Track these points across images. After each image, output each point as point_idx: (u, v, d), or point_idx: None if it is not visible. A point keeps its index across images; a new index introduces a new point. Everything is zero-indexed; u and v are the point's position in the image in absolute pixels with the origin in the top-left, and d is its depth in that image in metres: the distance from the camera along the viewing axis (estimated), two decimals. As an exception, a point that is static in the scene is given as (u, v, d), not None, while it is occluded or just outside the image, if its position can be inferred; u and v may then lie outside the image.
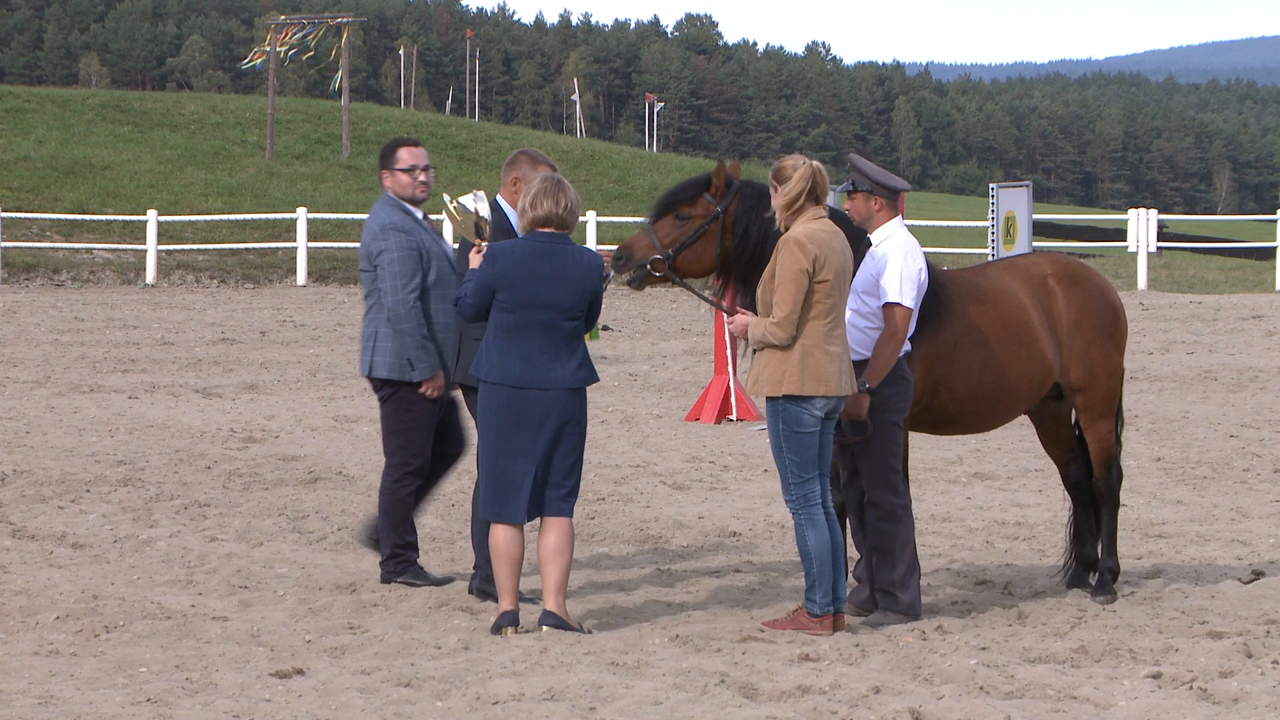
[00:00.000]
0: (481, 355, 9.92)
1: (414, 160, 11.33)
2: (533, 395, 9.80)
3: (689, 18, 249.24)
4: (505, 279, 9.81)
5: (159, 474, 15.26)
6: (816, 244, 9.70)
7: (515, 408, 9.82)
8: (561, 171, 10.54)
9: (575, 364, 9.88)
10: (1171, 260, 48.69)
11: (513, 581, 9.90)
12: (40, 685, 8.68)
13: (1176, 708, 8.41)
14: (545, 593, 9.89)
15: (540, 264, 9.82)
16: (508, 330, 9.83)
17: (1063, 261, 11.22)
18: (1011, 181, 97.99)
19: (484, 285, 9.86)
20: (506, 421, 9.84)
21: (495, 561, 9.89)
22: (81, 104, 63.28)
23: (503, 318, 9.84)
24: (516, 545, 9.88)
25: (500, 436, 9.85)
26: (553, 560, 9.84)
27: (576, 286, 9.84)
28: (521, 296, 9.80)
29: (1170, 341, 27.93)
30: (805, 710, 8.34)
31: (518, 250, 9.87)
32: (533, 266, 9.81)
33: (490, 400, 9.87)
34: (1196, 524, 13.49)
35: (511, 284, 9.80)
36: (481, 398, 9.92)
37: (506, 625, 9.86)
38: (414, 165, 11.32)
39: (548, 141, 70.55)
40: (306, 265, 43.89)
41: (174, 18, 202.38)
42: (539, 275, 9.80)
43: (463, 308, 9.99)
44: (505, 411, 9.84)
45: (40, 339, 28.20)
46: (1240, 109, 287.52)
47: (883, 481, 10.24)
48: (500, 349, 9.84)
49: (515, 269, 9.80)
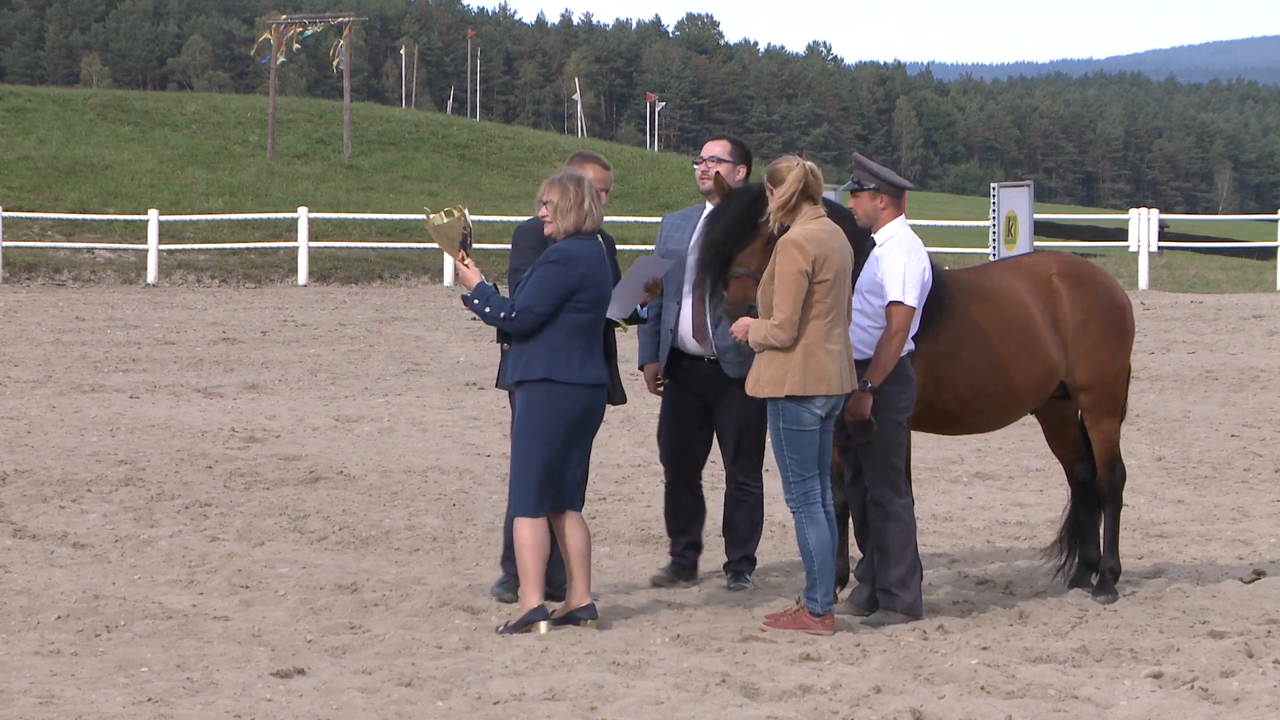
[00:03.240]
0: (552, 357, 9.85)
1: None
2: (594, 393, 9.92)
3: (690, 17, 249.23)
4: (589, 279, 9.87)
5: (160, 473, 15.26)
6: (815, 244, 9.70)
7: (585, 408, 9.88)
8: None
9: (602, 360, 10.06)
10: (1173, 260, 48.67)
11: (542, 575, 9.92)
12: (41, 685, 8.68)
13: (1178, 707, 8.41)
14: (580, 588, 9.90)
15: (603, 261, 10.00)
16: (582, 331, 9.88)
17: (1068, 261, 11.20)
18: (1013, 181, 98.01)
19: (565, 288, 9.82)
20: (572, 421, 9.86)
21: (529, 556, 9.86)
22: (83, 104, 63.28)
23: (577, 319, 9.86)
24: (548, 538, 9.95)
25: (563, 436, 9.85)
26: (583, 558, 9.93)
27: (611, 280, 10.12)
28: (597, 295, 9.93)
29: (1171, 341, 27.93)
30: (806, 710, 8.34)
31: (588, 250, 9.93)
32: (601, 264, 9.96)
33: (560, 401, 9.84)
34: (1198, 524, 13.49)
35: (592, 283, 9.89)
36: (547, 398, 9.87)
37: (540, 620, 9.83)
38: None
39: (549, 141, 70.50)
40: (308, 265, 43.88)
41: (175, 17, 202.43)
42: (605, 271, 9.98)
43: (528, 319, 9.82)
44: (574, 411, 9.86)
45: (41, 338, 28.20)
46: (1241, 109, 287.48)
47: (885, 481, 10.24)
48: (574, 349, 9.85)
49: (594, 268, 9.90)
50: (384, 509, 13.84)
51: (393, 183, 56.63)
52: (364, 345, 27.71)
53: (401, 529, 13.05)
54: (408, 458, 16.36)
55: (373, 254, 45.69)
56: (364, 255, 45.65)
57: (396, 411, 19.71)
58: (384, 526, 13.13)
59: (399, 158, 60.28)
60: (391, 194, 54.27)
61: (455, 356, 25.93)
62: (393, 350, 26.87)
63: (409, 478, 15.28)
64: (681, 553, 11.43)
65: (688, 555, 11.42)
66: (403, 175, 58.04)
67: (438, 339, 29.01)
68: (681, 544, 11.43)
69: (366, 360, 25.36)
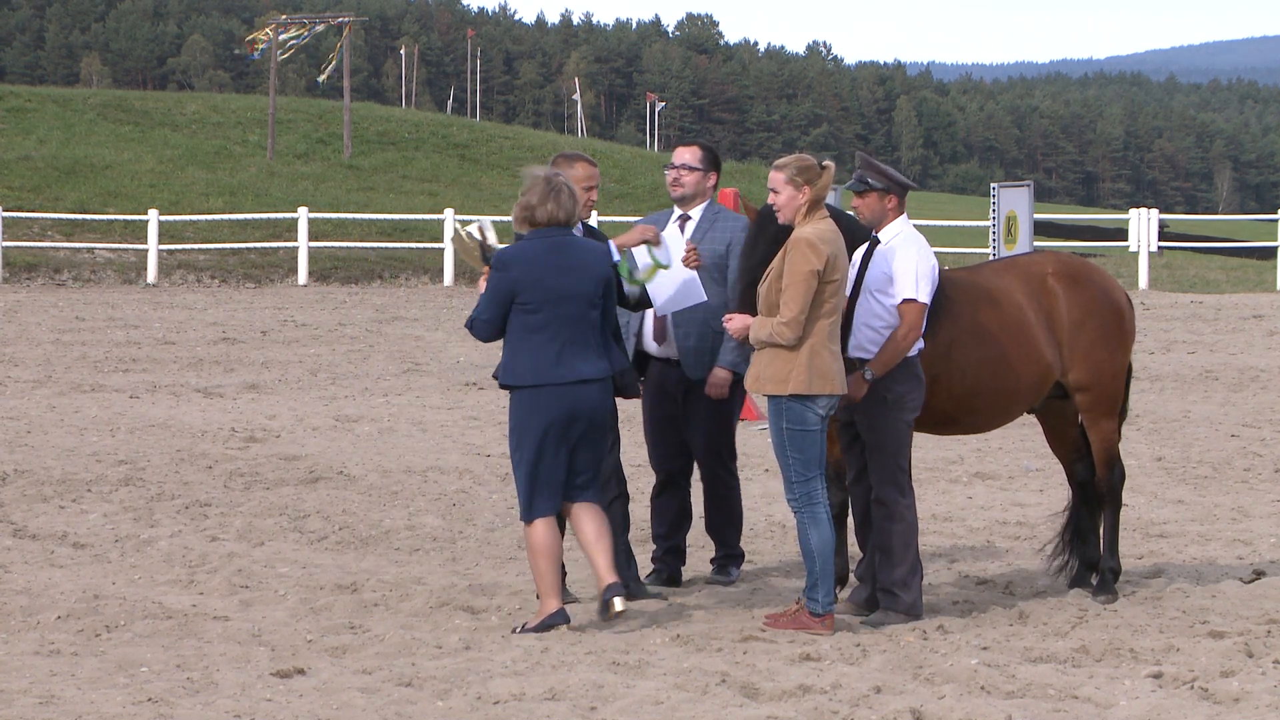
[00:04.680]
0: (509, 361, 9.86)
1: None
2: (571, 391, 9.79)
3: (690, 17, 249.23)
4: (524, 279, 9.78)
5: (160, 473, 15.26)
6: (827, 243, 9.73)
7: (556, 407, 9.79)
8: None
9: (604, 354, 9.91)
10: (1172, 260, 48.69)
11: (557, 578, 9.88)
12: (41, 685, 8.68)
13: (1178, 707, 8.41)
14: (601, 572, 9.85)
15: (555, 257, 9.82)
16: (534, 330, 9.79)
17: (1065, 261, 11.18)
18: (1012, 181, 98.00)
19: (501, 292, 9.80)
20: (546, 421, 9.79)
21: (540, 561, 9.84)
22: (83, 103, 63.30)
23: (527, 319, 9.79)
24: (558, 539, 9.91)
25: (542, 437, 9.80)
26: (598, 543, 9.86)
27: (593, 274, 9.88)
28: (544, 293, 9.77)
29: (1171, 341, 27.93)
30: (806, 710, 8.34)
31: (528, 249, 9.85)
32: (548, 260, 9.80)
33: (528, 403, 9.81)
34: (1197, 524, 13.49)
35: (531, 282, 9.77)
36: (518, 402, 9.87)
37: (560, 624, 9.81)
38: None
39: (549, 141, 70.56)
40: (308, 265, 43.89)
41: (175, 17, 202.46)
42: (555, 268, 9.80)
43: (478, 328, 9.89)
44: (545, 411, 9.79)
45: (41, 338, 28.20)
46: (1241, 109, 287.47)
47: (890, 480, 10.23)
48: (530, 350, 9.80)
49: (532, 267, 9.78)
50: (384, 509, 13.84)
51: (393, 183, 56.65)
52: (364, 345, 27.71)
53: (401, 529, 13.05)
54: (408, 458, 16.36)
55: (373, 254, 45.70)
56: (364, 255, 45.66)
57: (396, 411, 19.71)
58: (384, 526, 13.13)
59: (399, 158, 60.30)
60: (391, 194, 54.29)
61: (455, 356, 25.94)
62: (393, 350, 26.88)
63: (409, 478, 15.28)
64: (662, 558, 11.42)
65: (669, 560, 11.40)
66: (402, 175, 58.06)
67: (438, 339, 29.02)
68: (664, 548, 11.42)
69: (366, 360, 25.37)
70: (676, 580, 11.35)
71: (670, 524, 11.40)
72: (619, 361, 10.04)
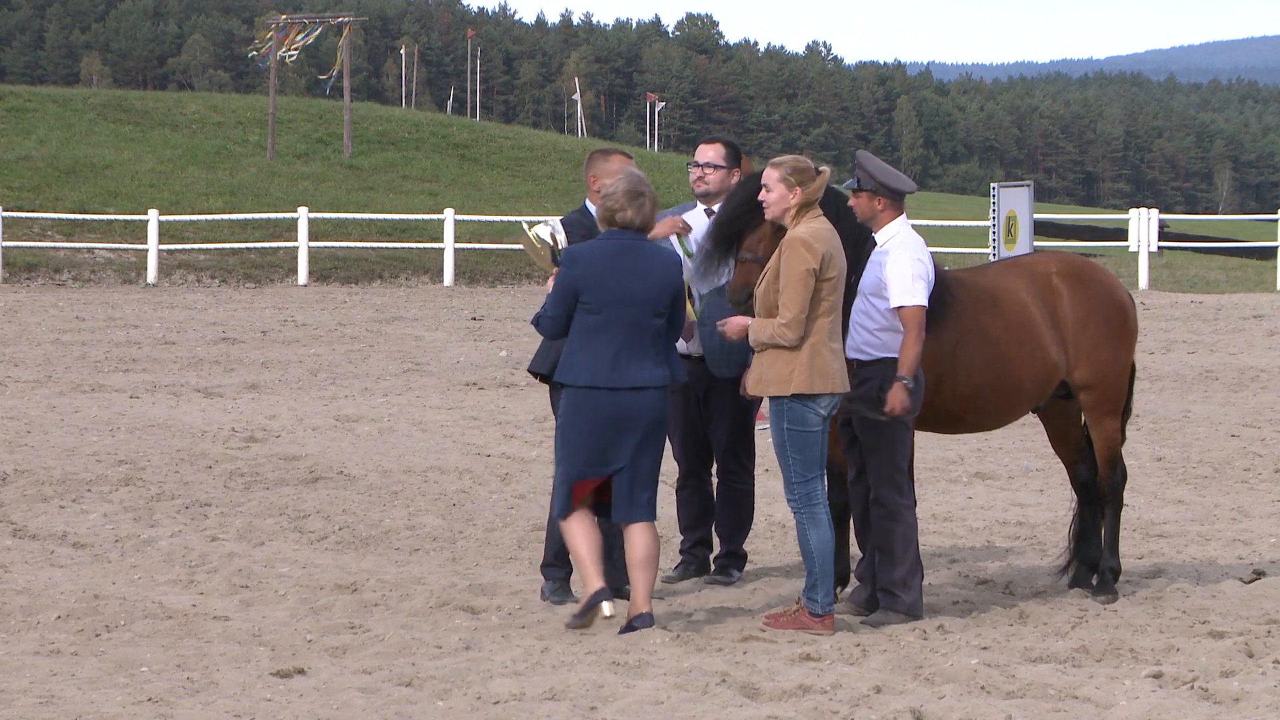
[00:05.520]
0: (567, 358, 9.83)
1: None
2: (623, 397, 9.74)
3: (690, 17, 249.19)
4: (588, 278, 9.74)
5: (160, 473, 15.26)
6: (822, 242, 9.74)
7: (605, 410, 9.75)
8: (562, 171, 10.51)
9: (661, 362, 9.83)
10: (1173, 260, 48.69)
11: (597, 563, 9.79)
12: (41, 685, 8.68)
13: (1178, 707, 8.40)
14: (636, 598, 9.80)
15: (621, 259, 9.77)
16: (593, 331, 9.75)
17: (1069, 260, 11.19)
18: (1013, 181, 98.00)
19: (566, 289, 9.78)
20: (595, 425, 9.76)
21: (577, 546, 9.80)
22: (83, 103, 63.29)
23: (587, 319, 9.75)
24: (594, 527, 9.86)
25: (589, 440, 9.78)
26: (644, 567, 9.80)
27: (658, 280, 9.81)
28: (606, 294, 9.73)
29: (1171, 341, 27.93)
30: (806, 710, 8.34)
31: (596, 249, 9.83)
32: (613, 262, 9.75)
33: (578, 403, 9.78)
34: (1198, 524, 13.49)
35: (595, 282, 9.73)
36: (569, 400, 9.84)
37: (603, 600, 9.75)
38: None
39: (548, 141, 70.49)
40: (308, 265, 43.90)
41: (175, 17, 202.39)
42: (621, 270, 9.75)
43: (544, 325, 9.88)
44: (593, 414, 9.75)
45: (41, 338, 28.20)
46: (1241, 109, 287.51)
47: (889, 481, 10.24)
48: (588, 351, 9.76)
49: (597, 267, 9.75)
50: (384, 509, 13.84)
51: (392, 183, 56.65)
52: (364, 345, 27.71)
53: (401, 529, 13.05)
54: (408, 458, 16.36)
55: (373, 254, 45.71)
56: (364, 255, 45.66)
57: (396, 411, 19.70)
58: (384, 526, 13.13)
59: (399, 158, 60.30)
60: (391, 194, 54.30)
61: (455, 356, 25.94)
62: (393, 350, 26.88)
63: (409, 478, 15.28)
64: (691, 550, 11.46)
65: (698, 552, 11.45)
66: (402, 175, 58.06)
67: (438, 339, 29.02)
68: (691, 540, 11.46)
69: (366, 360, 25.36)
70: (707, 569, 11.40)
71: (695, 515, 11.44)
72: (680, 373, 9.96)
